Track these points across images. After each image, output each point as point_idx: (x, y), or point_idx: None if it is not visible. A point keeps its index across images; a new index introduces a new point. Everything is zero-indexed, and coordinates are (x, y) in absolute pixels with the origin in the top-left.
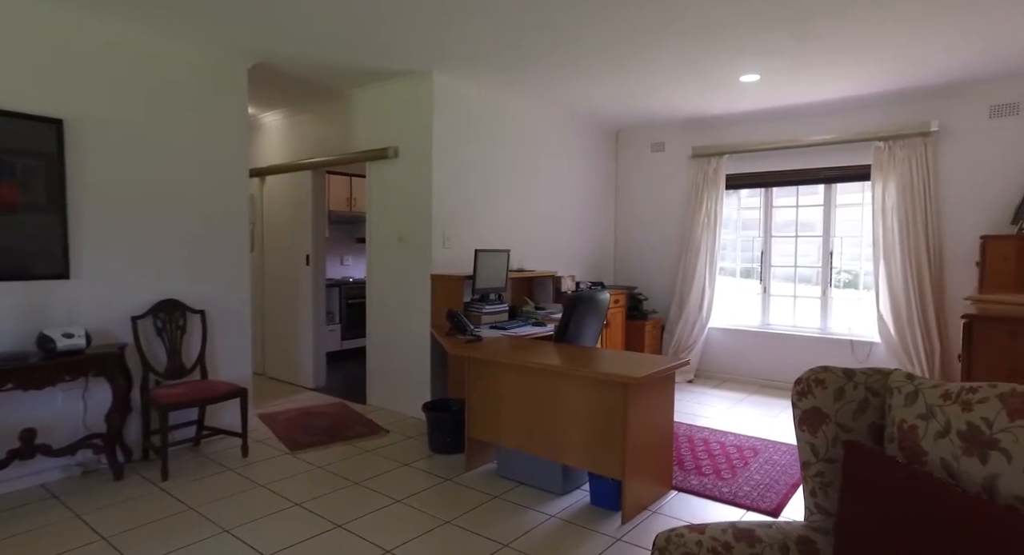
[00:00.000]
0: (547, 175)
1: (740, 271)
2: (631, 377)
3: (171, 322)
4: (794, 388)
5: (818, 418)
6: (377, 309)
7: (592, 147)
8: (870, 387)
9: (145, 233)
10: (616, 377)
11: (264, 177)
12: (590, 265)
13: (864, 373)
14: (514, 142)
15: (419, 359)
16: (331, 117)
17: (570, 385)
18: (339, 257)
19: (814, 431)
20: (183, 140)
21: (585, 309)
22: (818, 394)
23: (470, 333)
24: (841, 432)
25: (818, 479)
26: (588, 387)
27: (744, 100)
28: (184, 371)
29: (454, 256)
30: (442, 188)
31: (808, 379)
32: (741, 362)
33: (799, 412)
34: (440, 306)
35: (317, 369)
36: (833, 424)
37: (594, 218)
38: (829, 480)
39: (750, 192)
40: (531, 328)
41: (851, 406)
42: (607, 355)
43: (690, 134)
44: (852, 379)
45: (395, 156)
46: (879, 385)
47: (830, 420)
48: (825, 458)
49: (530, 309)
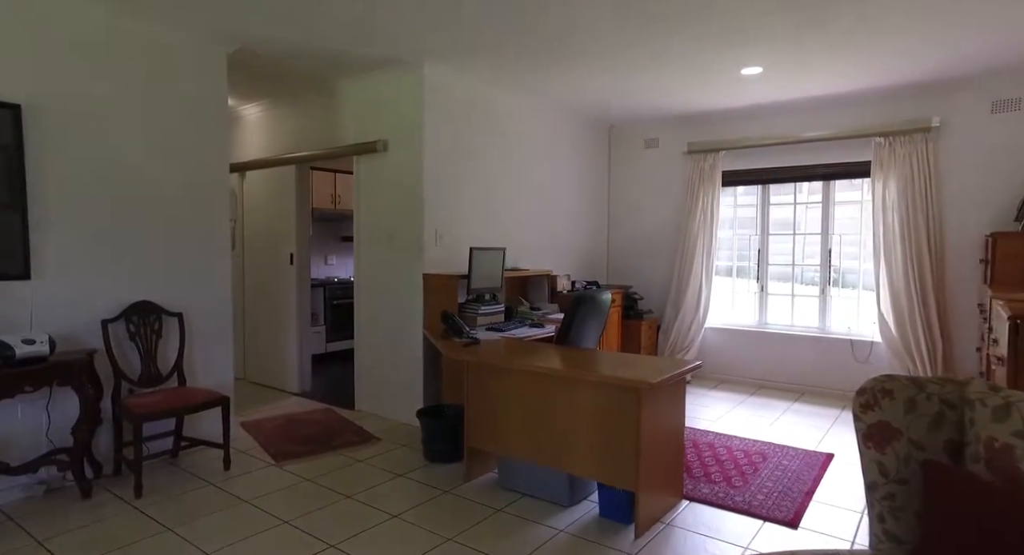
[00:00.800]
0: (540, 171)
1: (736, 270)
2: (644, 382)
3: (146, 326)
4: (856, 400)
5: (887, 433)
6: (366, 310)
7: (585, 143)
8: (945, 398)
9: (116, 230)
10: (628, 382)
11: (244, 173)
12: (584, 264)
13: (936, 382)
14: (506, 137)
15: (411, 363)
16: (316, 110)
17: (578, 391)
18: (323, 256)
19: (882, 448)
20: (158, 131)
21: (587, 310)
22: (886, 406)
23: (466, 335)
24: (915, 450)
25: (887, 503)
26: (597, 393)
27: (744, 94)
28: (160, 378)
29: (447, 255)
30: (434, 183)
31: (873, 389)
32: (738, 362)
33: (864, 427)
34: (433, 307)
35: (302, 373)
36: (905, 440)
37: (587, 216)
38: (901, 504)
39: (746, 189)
40: (529, 330)
41: (924, 420)
42: (614, 358)
43: (685, 130)
44: (923, 389)
45: (384, 150)
46: (954, 396)
47: (901, 436)
48: (896, 479)
49: (526, 310)
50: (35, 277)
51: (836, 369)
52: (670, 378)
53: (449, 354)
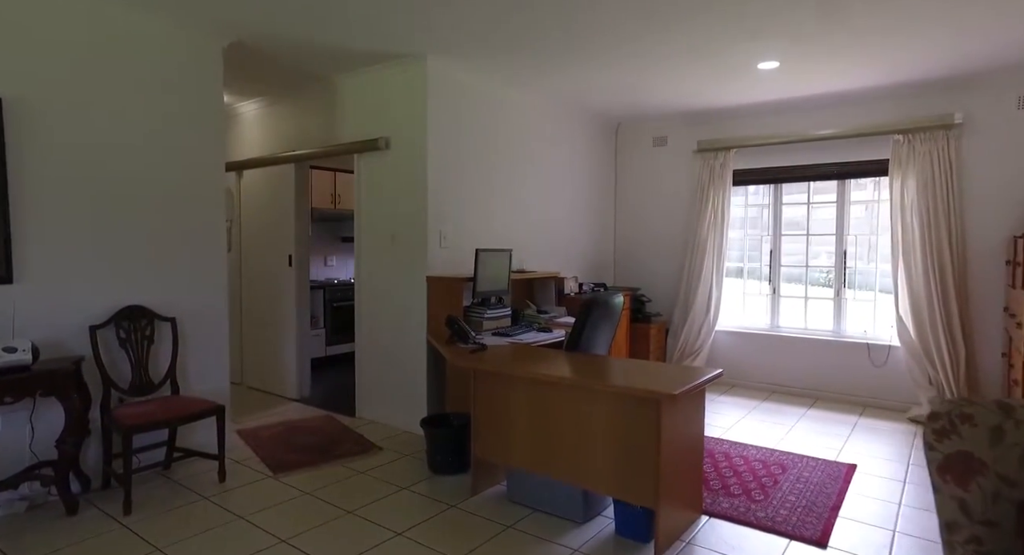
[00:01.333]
0: (545, 170)
1: (747, 271)
2: (666, 392)
3: (137, 331)
4: (929, 425)
5: (969, 466)
6: (367, 314)
7: (591, 141)
8: None
9: (105, 231)
10: (648, 393)
11: (241, 171)
12: (590, 265)
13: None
14: (511, 134)
15: (414, 369)
16: (315, 106)
17: (593, 401)
18: (323, 257)
19: (964, 483)
20: (150, 127)
21: (599, 314)
22: (967, 434)
23: (473, 341)
24: (1005, 487)
25: (972, 547)
26: (614, 403)
27: (758, 90)
28: (152, 386)
29: (451, 256)
30: (438, 182)
31: (950, 414)
32: (750, 366)
33: (939, 457)
34: (437, 310)
35: (301, 378)
36: (992, 475)
37: (593, 216)
38: (990, 549)
39: (758, 189)
40: (537, 334)
41: (1015, 451)
42: (629, 366)
43: (695, 127)
44: (1011, 415)
45: (386, 147)
46: None
47: (987, 470)
48: (983, 520)
49: (532, 313)
50: (17, 281)
51: (852, 374)
52: (692, 388)
53: (455, 361)
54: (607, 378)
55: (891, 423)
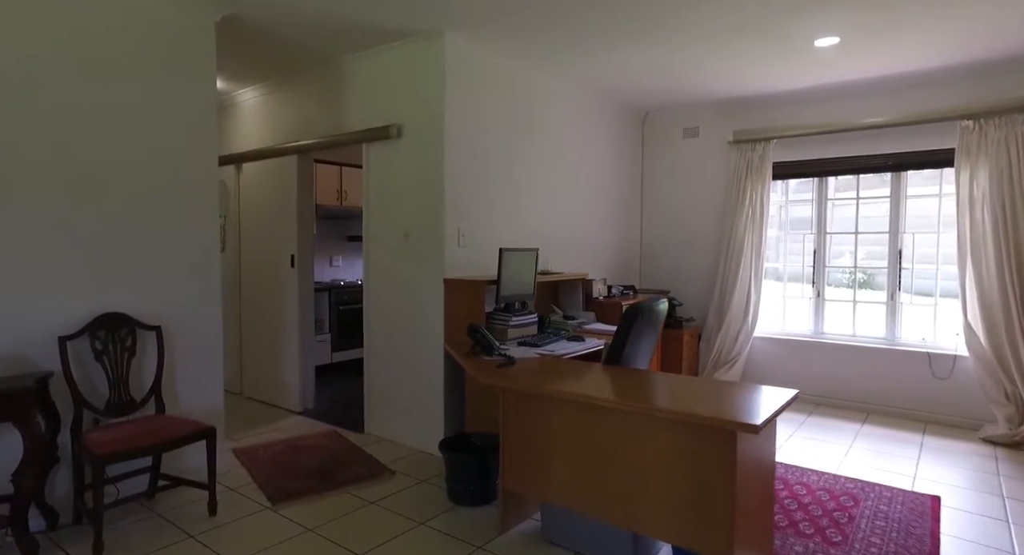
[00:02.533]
0: (570, 163)
1: (788, 273)
2: (746, 423)
3: (116, 342)
4: None
5: None
6: (377, 320)
7: (616, 132)
8: None
9: (79, 228)
10: (723, 422)
11: (240, 165)
12: (615, 266)
13: None
14: (536, 123)
15: (430, 381)
16: (320, 92)
17: (649, 429)
18: (328, 257)
19: None
20: (133, 111)
21: (644, 324)
22: None
23: (498, 352)
24: None
25: None
26: (676, 433)
27: (807, 72)
28: (133, 405)
29: (470, 256)
30: (456, 174)
31: None
32: (791, 376)
33: None
34: (456, 316)
35: (304, 389)
36: None
37: (618, 213)
38: None
39: (800, 183)
40: (568, 344)
41: None
42: (687, 385)
43: (730, 116)
44: None
45: (398, 136)
46: None
47: None
48: None
49: (559, 319)
50: None
51: (911, 386)
52: (774, 416)
53: (480, 378)
54: (666, 401)
55: (962, 443)
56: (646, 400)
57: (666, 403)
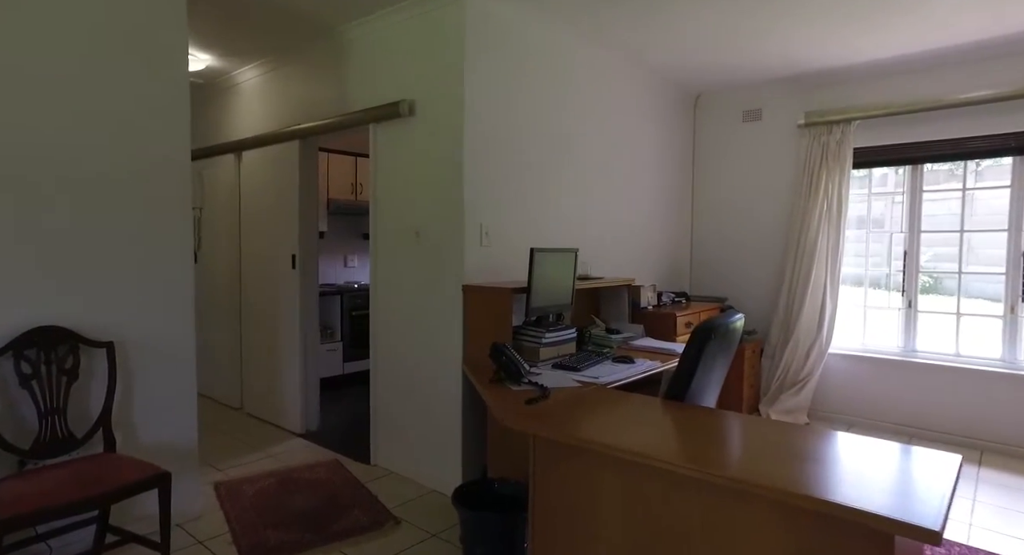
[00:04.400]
0: (610, 150)
1: (869, 279)
2: (918, 526)
3: (50, 364)
4: None
5: None
6: (384, 334)
7: (664, 116)
8: None
9: (7, 220)
10: (881, 520)
11: (240, 153)
12: (662, 270)
13: None
14: (570, 102)
15: (445, 408)
16: (321, 68)
17: (744, 512)
18: (342, 257)
19: None
20: (82, 83)
21: (717, 348)
22: None
23: (527, 380)
24: None
25: None
26: (786, 523)
27: (905, 35)
28: (72, 442)
29: (494, 259)
30: (477, 160)
31: None
32: (875, 401)
33: None
34: (477, 331)
35: (307, 408)
36: None
37: (666, 209)
38: None
39: (886, 173)
40: (614, 368)
41: None
42: (791, 439)
43: (799, 95)
44: None
45: (410, 113)
46: None
47: None
48: None
49: (601, 333)
50: None
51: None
52: (949, 507)
53: (505, 422)
54: (771, 470)
55: None
56: (739, 466)
57: (772, 474)
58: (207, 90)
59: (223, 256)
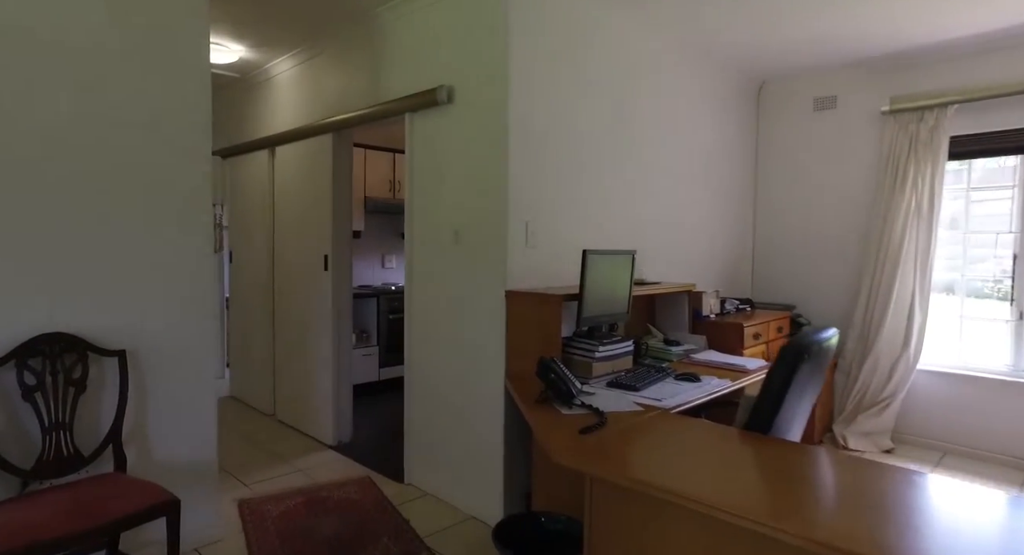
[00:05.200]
0: (666, 143)
1: (967, 287)
2: None
3: (56, 374)
4: None
5: None
6: (420, 344)
7: (726, 105)
8: None
9: (11, 217)
10: None
11: (274, 149)
12: (721, 273)
13: None
14: (623, 90)
15: (485, 426)
16: (356, 57)
17: None
18: (379, 257)
19: None
20: (91, 66)
21: (809, 372)
22: None
23: (580, 401)
24: None
25: None
26: None
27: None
28: (78, 461)
29: (538, 261)
30: (523, 153)
31: None
32: (976, 426)
33: None
34: (521, 342)
35: (339, 418)
36: None
37: (727, 206)
38: None
39: (988, 165)
40: (678, 387)
41: None
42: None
43: (883, 78)
44: None
45: (448, 101)
46: None
47: None
48: None
49: (659, 345)
50: None
51: None
52: None
53: (556, 455)
54: (902, 538)
55: None
56: (855, 533)
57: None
58: (242, 85)
59: (257, 256)
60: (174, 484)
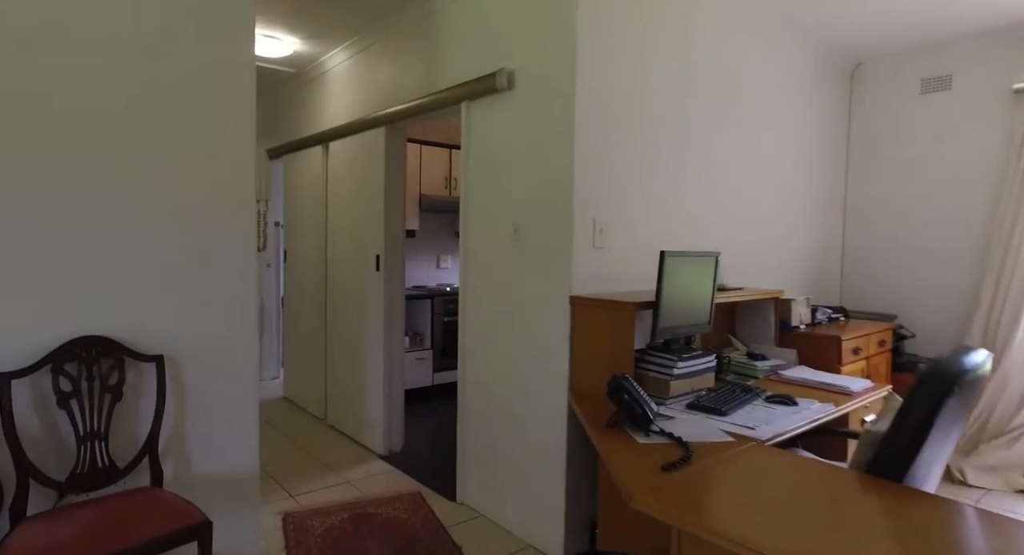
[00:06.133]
0: (747, 131)
1: None
2: None
3: (92, 380)
4: None
5: None
6: (474, 350)
7: (817, 89)
8: None
9: (42, 212)
10: None
11: (328, 145)
12: (806, 278)
13: None
14: (699, 72)
15: (545, 445)
16: (409, 44)
17: None
18: (434, 257)
19: None
20: (131, 48)
21: (957, 406)
22: None
23: (658, 427)
24: None
25: None
26: None
27: None
28: (113, 473)
29: (608, 262)
30: (591, 142)
31: None
32: None
33: None
34: (588, 355)
35: (390, 426)
36: None
37: (814, 204)
38: None
39: None
40: (771, 412)
41: None
42: None
43: (1014, 50)
44: None
45: (508, 87)
46: None
47: None
48: None
49: (742, 360)
50: None
51: None
52: None
53: (636, 498)
54: None
55: None
56: None
57: None
58: (298, 81)
59: (311, 255)
60: (213, 498)
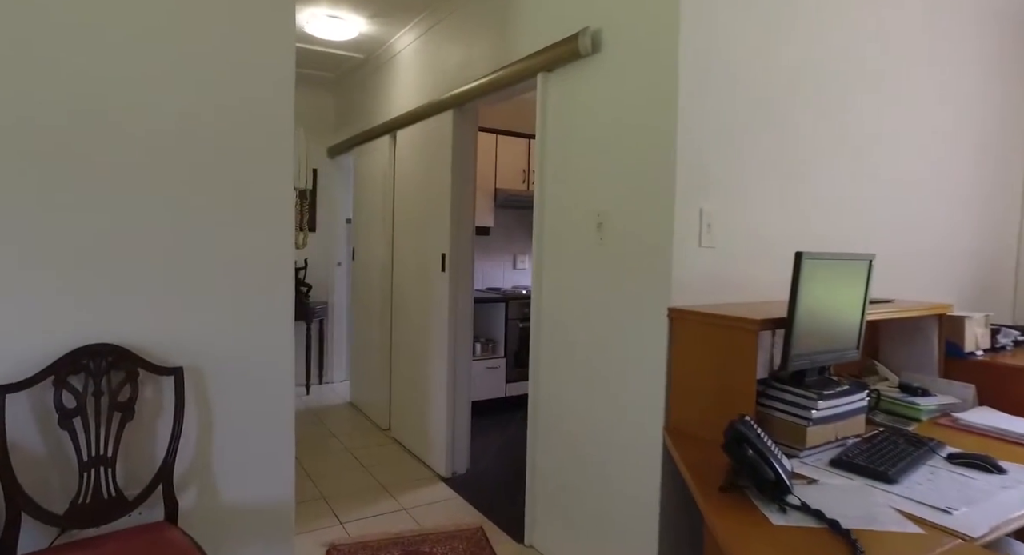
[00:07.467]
0: (893, 108)
1: None
2: None
3: (100, 395)
4: None
5: None
6: (549, 367)
7: (999, 58)
8: None
9: (50, 207)
10: None
11: (395, 133)
12: (966, 288)
13: None
14: (833, 33)
15: (633, 489)
16: (479, 14)
17: None
18: (510, 257)
19: None
20: (156, 19)
21: None
22: None
23: (799, 501)
24: None
25: None
26: None
27: None
28: (121, 506)
29: (717, 265)
30: (698, 114)
31: None
32: None
33: None
34: (692, 381)
35: (454, 444)
36: None
37: (983, 199)
38: None
39: None
40: (962, 480)
41: None
42: None
43: None
44: None
45: (593, 50)
46: None
47: None
48: None
49: (893, 394)
50: None
51: None
52: None
53: None
54: None
55: None
56: None
57: None
58: (367, 67)
59: (377, 254)
60: (241, 531)
